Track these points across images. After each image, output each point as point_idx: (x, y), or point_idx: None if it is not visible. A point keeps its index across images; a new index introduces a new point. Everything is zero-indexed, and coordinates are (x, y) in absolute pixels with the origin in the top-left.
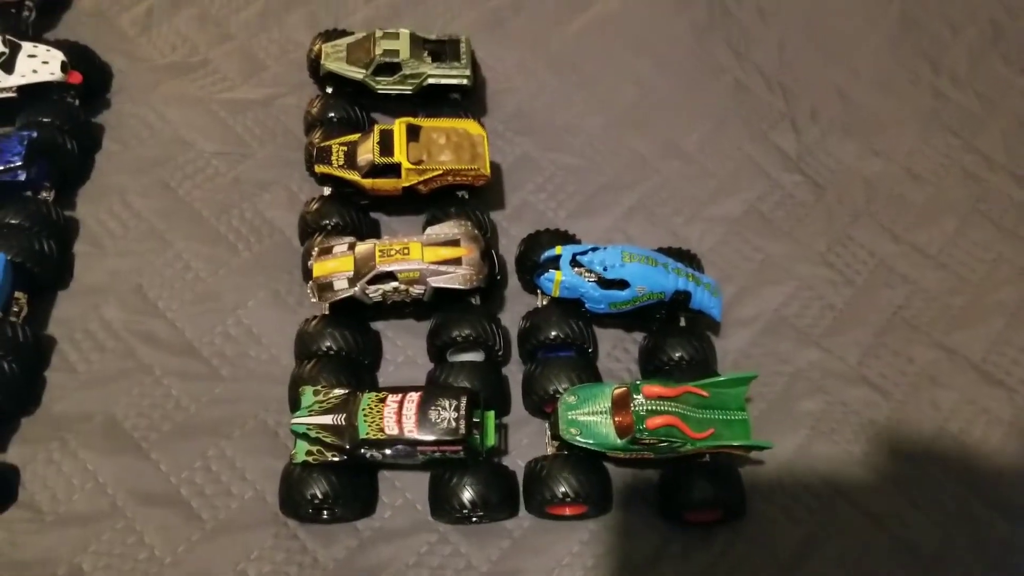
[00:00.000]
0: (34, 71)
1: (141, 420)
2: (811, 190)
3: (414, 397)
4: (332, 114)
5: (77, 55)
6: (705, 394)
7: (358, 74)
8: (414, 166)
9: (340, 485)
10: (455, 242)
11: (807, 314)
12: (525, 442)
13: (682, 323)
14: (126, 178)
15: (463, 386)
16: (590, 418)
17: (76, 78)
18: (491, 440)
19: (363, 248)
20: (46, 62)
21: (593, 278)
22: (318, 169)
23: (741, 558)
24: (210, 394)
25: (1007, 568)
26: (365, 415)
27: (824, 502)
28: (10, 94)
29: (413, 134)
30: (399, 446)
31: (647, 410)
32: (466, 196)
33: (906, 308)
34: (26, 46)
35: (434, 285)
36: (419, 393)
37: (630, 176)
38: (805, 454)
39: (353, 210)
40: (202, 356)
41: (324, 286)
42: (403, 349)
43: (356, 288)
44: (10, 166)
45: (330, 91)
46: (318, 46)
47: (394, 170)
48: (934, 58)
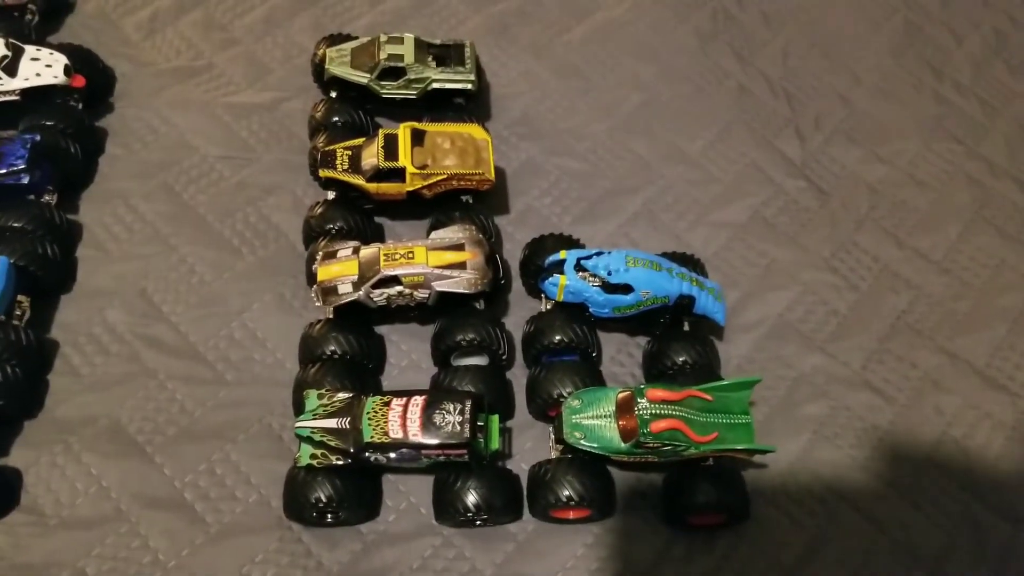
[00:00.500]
0: (37, 74)
1: (146, 424)
2: (815, 196)
3: (418, 401)
4: (336, 118)
5: (80, 59)
6: (709, 398)
7: (362, 78)
8: (419, 170)
9: (344, 489)
10: (460, 246)
11: (811, 319)
12: (528, 446)
13: (686, 328)
14: (130, 182)
15: (467, 390)
16: (594, 422)
17: (80, 82)
18: (495, 444)
19: (367, 252)
20: (49, 65)
21: (597, 283)
22: (322, 173)
23: (744, 561)
24: (215, 398)
25: (1009, 572)
26: (369, 419)
27: (827, 506)
28: (13, 97)
29: (418, 138)
30: (403, 450)
31: (651, 414)
32: (470, 201)
33: (910, 313)
34: (29, 49)
35: (439, 289)
36: (423, 397)
37: (634, 181)
38: (808, 458)
39: (357, 214)
40: (207, 360)
41: (328, 290)
42: (407, 353)
43: (360, 292)
44: (13, 169)
45: (334, 95)
46: (322, 50)
47: (399, 174)
48: (938, 66)
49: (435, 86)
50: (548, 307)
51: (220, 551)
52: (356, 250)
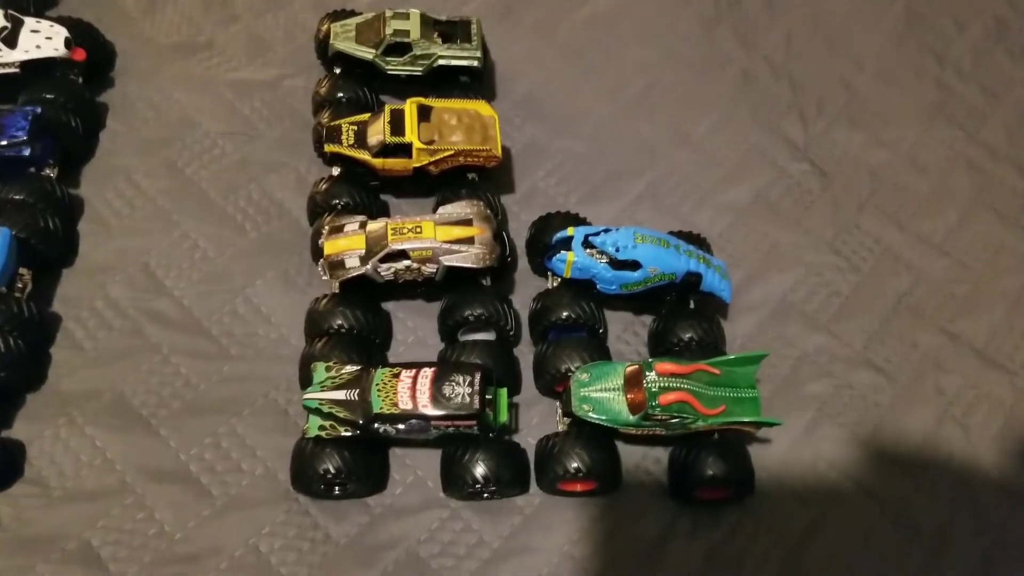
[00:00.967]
0: (37, 47)
1: (150, 398)
2: (818, 179)
3: (428, 372)
4: (341, 94)
5: (80, 32)
6: (717, 372)
7: (368, 54)
8: (425, 146)
9: (353, 461)
10: (468, 222)
11: (814, 300)
12: (535, 421)
13: (692, 305)
14: (131, 158)
15: (476, 362)
16: (603, 395)
17: (80, 55)
18: (503, 416)
19: (375, 227)
20: (50, 38)
21: (605, 259)
22: (328, 148)
23: (749, 536)
24: (219, 373)
25: (1008, 548)
26: (379, 390)
27: (830, 482)
28: (13, 70)
29: (424, 114)
30: (412, 421)
31: (660, 387)
32: (476, 178)
33: (911, 295)
34: (29, 21)
35: (447, 264)
36: (433, 369)
37: (638, 164)
38: (811, 436)
39: (363, 190)
40: (211, 335)
41: (335, 264)
42: (413, 330)
43: (368, 266)
44: (14, 141)
45: (338, 72)
46: (327, 26)
47: (405, 150)
48: (939, 52)
49: (441, 63)
50: (555, 284)
51: (227, 523)
52: (363, 224)
